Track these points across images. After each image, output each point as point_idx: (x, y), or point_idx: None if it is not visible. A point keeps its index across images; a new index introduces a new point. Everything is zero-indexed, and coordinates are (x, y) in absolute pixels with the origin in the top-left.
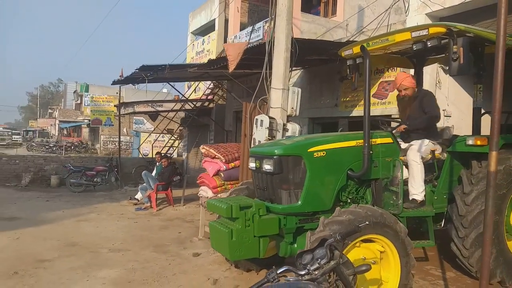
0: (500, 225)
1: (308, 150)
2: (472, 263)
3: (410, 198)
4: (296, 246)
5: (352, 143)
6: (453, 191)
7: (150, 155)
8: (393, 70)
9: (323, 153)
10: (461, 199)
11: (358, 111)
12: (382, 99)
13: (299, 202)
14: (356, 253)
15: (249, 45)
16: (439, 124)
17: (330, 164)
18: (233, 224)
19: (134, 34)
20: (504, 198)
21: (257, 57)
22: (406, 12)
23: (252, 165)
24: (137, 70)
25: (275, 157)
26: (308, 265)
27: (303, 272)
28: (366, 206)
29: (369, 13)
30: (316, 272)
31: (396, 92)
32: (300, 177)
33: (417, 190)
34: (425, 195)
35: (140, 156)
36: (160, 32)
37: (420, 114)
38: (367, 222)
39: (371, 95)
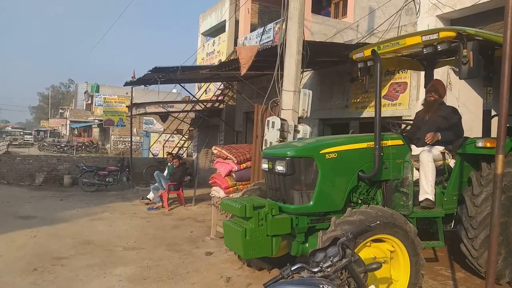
0: (510, 226)
1: (320, 152)
2: (481, 263)
3: (422, 198)
4: (307, 245)
5: (363, 145)
6: (463, 193)
7: (160, 156)
8: (403, 72)
9: (335, 155)
10: (471, 201)
11: (368, 113)
12: (392, 101)
13: (311, 203)
14: (366, 252)
15: (260, 47)
16: None
17: (342, 165)
18: (246, 224)
19: (145, 35)
20: None
21: (267, 58)
22: (417, 14)
23: (264, 166)
24: (149, 72)
25: (287, 158)
26: (321, 263)
27: (316, 270)
28: (376, 206)
29: (379, 14)
30: (329, 270)
31: (407, 94)
32: (312, 178)
33: (429, 190)
34: (434, 195)
35: (151, 156)
36: (170, 33)
37: (443, 125)
38: (378, 222)
39: (381, 97)
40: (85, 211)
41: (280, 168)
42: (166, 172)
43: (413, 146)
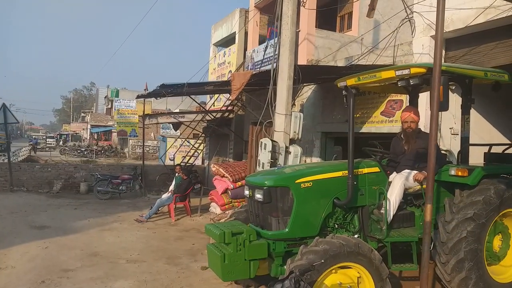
0: (479, 253)
1: (296, 182)
2: (453, 286)
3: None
4: (285, 267)
5: (338, 173)
6: (437, 218)
7: (176, 161)
8: None
9: (310, 184)
10: (443, 227)
11: (367, 128)
12: (389, 117)
13: (286, 229)
14: (332, 278)
15: (254, 72)
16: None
17: (317, 193)
18: (226, 248)
19: (163, 42)
20: (484, 227)
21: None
22: (412, 34)
23: (246, 192)
24: (158, 88)
25: (264, 188)
26: None
27: None
28: (342, 236)
29: (385, 26)
30: None
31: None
32: (288, 206)
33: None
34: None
35: (168, 160)
36: (185, 42)
37: (424, 156)
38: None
39: (379, 113)
40: (96, 221)
41: (258, 196)
42: (173, 182)
43: (393, 173)
